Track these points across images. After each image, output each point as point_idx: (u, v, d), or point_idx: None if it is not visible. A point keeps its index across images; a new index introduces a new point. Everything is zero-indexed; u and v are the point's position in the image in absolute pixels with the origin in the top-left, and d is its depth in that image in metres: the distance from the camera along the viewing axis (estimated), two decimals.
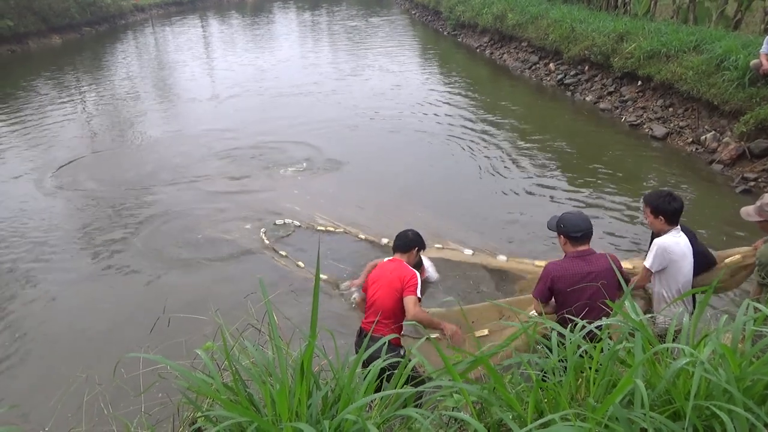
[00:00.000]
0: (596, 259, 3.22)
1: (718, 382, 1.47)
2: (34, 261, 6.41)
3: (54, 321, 5.35)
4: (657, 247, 3.40)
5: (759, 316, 1.75)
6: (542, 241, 6.02)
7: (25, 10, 24.35)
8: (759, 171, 7.23)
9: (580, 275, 3.16)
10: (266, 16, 36.22)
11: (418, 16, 29.03)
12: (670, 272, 3.42)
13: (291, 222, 6.92)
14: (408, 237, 3.67)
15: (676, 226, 3.43)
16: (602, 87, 11.61)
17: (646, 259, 3.47)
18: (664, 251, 3.38)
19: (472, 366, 1.79)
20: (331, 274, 5.67)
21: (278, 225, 6.90)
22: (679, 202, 3.43)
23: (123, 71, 18.88)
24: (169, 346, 2.54)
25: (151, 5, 37.59)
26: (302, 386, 1.67)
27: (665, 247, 3.38)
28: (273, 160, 9.27)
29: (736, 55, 8.36)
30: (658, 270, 3.43)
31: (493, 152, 9.17)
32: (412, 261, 3.65)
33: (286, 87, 14.91)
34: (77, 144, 10.85)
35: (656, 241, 3.44)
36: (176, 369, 1.78)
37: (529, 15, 15.62)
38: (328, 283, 5.49)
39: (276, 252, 6.24)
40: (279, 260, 6.12)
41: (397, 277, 3.42)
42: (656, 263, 3.41)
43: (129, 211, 7.65)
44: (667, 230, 3.43)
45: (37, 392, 4.27)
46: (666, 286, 3.45)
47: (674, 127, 9.15)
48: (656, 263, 3.41)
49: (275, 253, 6.23)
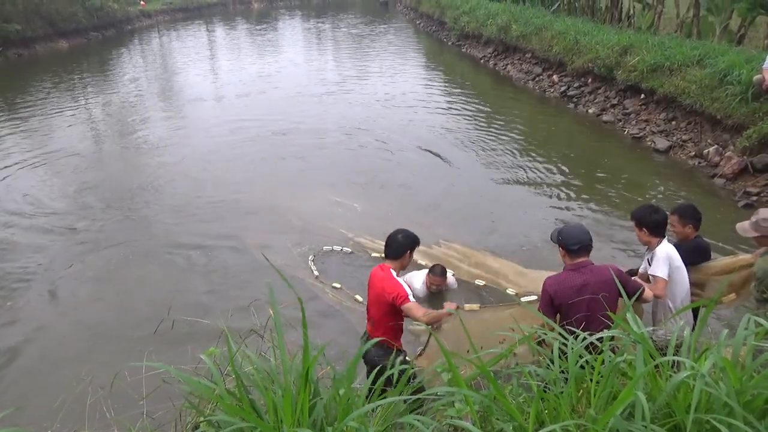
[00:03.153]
0: (592, 271, 3.22)
1: (719, 396, 1.48)
2: (39, 262, 6.44)
3: (58, 323, 5.36)
4: (664, 255, 3.49)
5: (760, 330, 1.76)
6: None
7: (33, 15, 24.55)
8: (761, 186, 7.23)
9: (575, 288, 3.18)
10: (271, 23, 36.42)
11: (422, 26, 29.18)
12: (674, 280, 3.48)
13: (341, 248, 6.37)
14: (398, 242, 3.53)
15: (661, 238, 3.56)
16: (605, 99, 11.65)
17: (658, 270, 3.52)
18: (669, 258, 3.49)
19: (475, 374, 1.80)
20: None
21: (326, 251, 6.34)
22: (662, 214, 3.58)
23: (129, 75, 19.01)
24: (174, 348, 2.55)
25: (157, 11, 37.91)
26: (305, 393, 1.68)
27: (670, 254, 3.50)
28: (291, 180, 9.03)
29: (739, 69, 8.39)
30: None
31: (493, 163, 9.20)
32: (406, 263, 3.60)
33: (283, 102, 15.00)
34: (86, 146, 10.92)
35: (659, 250, 3.53)
36: (178, 375, 1.79)
37: (533, 26, 15.70)
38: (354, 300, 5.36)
39: (325, 284, 5.66)
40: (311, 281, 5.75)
41: (383, 290, 3.42)
42: (667, 271, 3.48)
43: (138, 213, 7.70)
44: (656, 242, 3.54)
45: (41, 395, 4.27)
46: (671, 294, 3.48)
47: (677, 140, 9.17)
48: (667, 271, 3.48)
49: (321, 283, 5.70)
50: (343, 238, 6.63)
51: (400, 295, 3.36)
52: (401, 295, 3.36)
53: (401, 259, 3.53)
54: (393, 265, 3.52)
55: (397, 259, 3.53)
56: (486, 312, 3.94)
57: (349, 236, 6.62)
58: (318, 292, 5.50)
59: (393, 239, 3.55)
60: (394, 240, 3.54)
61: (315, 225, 7.01)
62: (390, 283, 3.42)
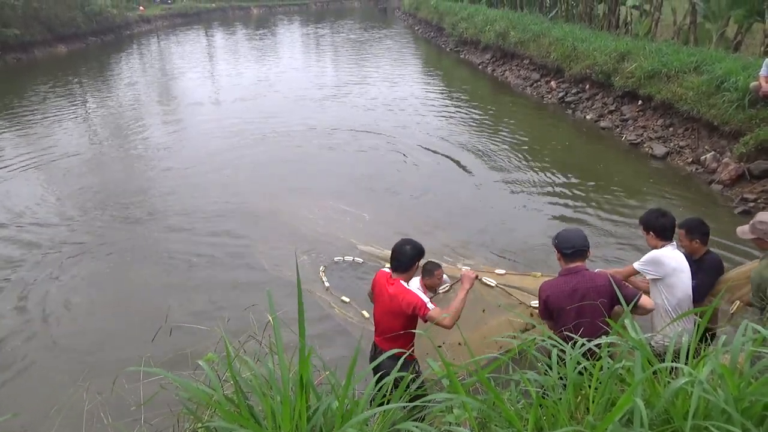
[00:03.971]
0: (584, 277, 3.23)
1: (717, 402, 1.48)
2: (34, 267, 6.42)
3: (54, 328, 5.33)
4: (650, 254, 3.55)
5: (758, 337, 1.77)
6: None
7: (32, 20, 24.59)
8: (758, 192, 7.26)
9: (566, 293, 3.19)
10: (270, 29, 36.53)
11: (420, 32, 29.31)
12: (668, 284, 3.49)
13: (352, 259, 6.24)
14: (406, 254, 3.43)
15: (669, 241, 3.56)
16: (603, 105, 11.69)
17: (637, 262, 3.61)
18: (654, 259, 3.51)
19: (472, 381, 1.80)
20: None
21: (337, 262, 6.22)
22: (669, 218, 3.59)
23: (128, 79, 19.03)
24: (173, 354, 2.55)
25: (156, 16, 38.02)
26: (302, 399, 1.68)
27: (657, 257, 3.51)
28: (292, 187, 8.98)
29: (736, 76, 8.44)
30: (654, 279, 3.52)
31: (492, 169, 9.22)
32: (413, 273, 3.53)
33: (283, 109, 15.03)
34: (84, 150, 10.92)
35: (652, 251, 3.58)
36: (176, 381, 1.78)
37: (531, 33, 15.78)
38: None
39: (335, 296, 5.52)
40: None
41: (399, 307, 3.33)
42: (644, 266, 3.54)
43: (137, 218, 7.69)
44: (662, 245, 3.55)
45: (38, 401, 4.25)
46: (667, 298, 3.49)
47: (674, 146, 9.21)
48: (644, 266, 3.54)
49: (334, 297, 5.53)
50: (351, 246, 6.54)
51: (420, 306, 3.29)
52: (420, 305, 3.29)
53: (410, 271, 3.47)
54: (402, 277, 3.45)
55: (406, 272, 3.46)
56: (499, 295, 3.95)
57: (359, 245, 6.49)
58: (327, 305, 5.40)
59: (401, 251, 3.45)
60: (403, 252, 3.45)
61: (323, 233, 6.95)
62: (407, 296, 3.34)
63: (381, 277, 3.54)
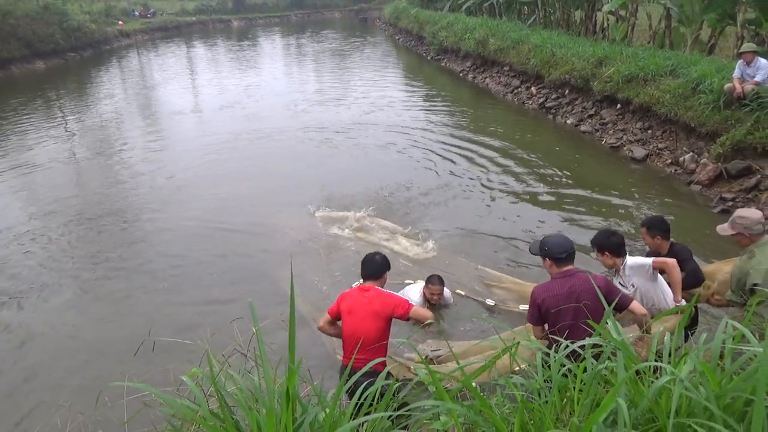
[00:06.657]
0: (579, 279, 3.28)
1: (699, 400, 1.50)
2: (13, 283, 6.30)
3: (35, 347, 5.23)
4: (633, 264, 3.69)
5: (737, 333, 1.79)
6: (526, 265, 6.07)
7: (9, 36, 24.35)
8: (736, 191, 7.38)
9: (564, 295, 3.22)
10: (251, 41, 36.50)
11: (401, 42, 29.49)
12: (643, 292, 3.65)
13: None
14: (377, 262, 3.63)
15: (623, 257, 3.69)
16: (583, 110, 11.85)
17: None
18: (639, 266, 3.66)
19: (458, 388, 1.80)
20: None
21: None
22: (619, 236, 3.76)
23: (106, 93, 18.88)
24: (155, 372, 2.52)
25: (136, 31, 37.81)
26: (288, 412, 1.67)
27: (637, 263, 3.68)
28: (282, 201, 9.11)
29: (710, 78, 8.61)
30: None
31: (474, 175, 9.26)
32: (384, 281, 3.67)
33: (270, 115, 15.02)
34: (62, 164, 10.79)
35: (627, 267, 3.69)
36: (160, 397, 1.76)
37: (510, 40, 15.96)
38: None
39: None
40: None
41: (381, 306, 3.41)
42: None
43: (116, 236, 7.60)
44: (619, 263, 3.69)
45: (21, 421, 4.16)
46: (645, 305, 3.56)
47: (653, 148, 9.34)
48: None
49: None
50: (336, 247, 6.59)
51: (402, 305, 3.44)
52: (403, 304, 3.44)
53: (381, 278, 3.63)
54: (375, 284, 3.58)
55: (379, 279, 3.61)
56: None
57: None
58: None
59: (372, 261, 3.65)
60: (373, 261, 3.64)
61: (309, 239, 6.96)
62: (386, 298, 3.47)
63: (349, 294, 3.59)
